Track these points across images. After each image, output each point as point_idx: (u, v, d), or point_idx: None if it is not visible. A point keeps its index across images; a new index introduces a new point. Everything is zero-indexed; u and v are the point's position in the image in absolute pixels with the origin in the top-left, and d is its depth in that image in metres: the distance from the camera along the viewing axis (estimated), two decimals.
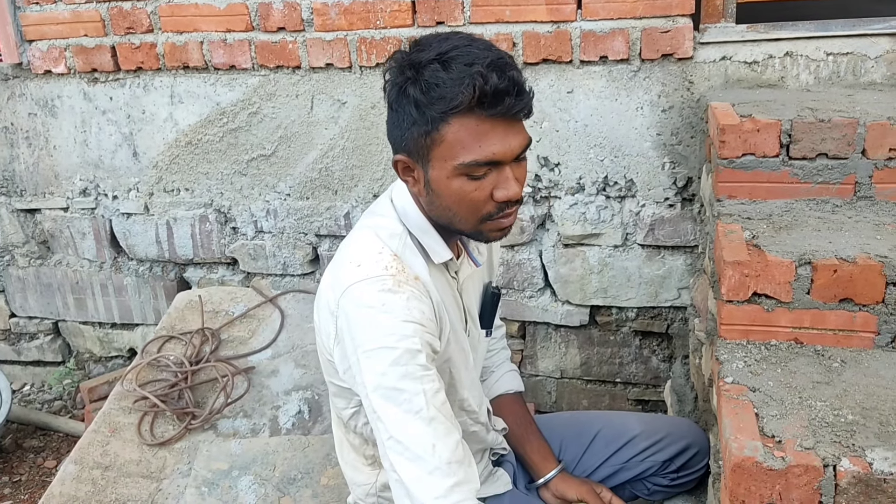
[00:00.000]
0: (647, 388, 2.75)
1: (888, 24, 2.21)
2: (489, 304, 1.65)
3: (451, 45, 1.26)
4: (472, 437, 1.61)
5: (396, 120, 1.32)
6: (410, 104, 1.27)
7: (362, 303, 1.31)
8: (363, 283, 1.32)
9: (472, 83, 1.21)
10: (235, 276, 2.98)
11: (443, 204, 1.34)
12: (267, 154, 2.73)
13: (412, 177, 1.36)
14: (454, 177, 1.29)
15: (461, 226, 1.36)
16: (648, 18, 2.27)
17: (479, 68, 1.21)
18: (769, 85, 2.29)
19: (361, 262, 1.35)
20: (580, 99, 2.41)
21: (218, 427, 2.25)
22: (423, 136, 1.28)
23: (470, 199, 1.30)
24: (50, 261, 3.17)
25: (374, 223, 1.45)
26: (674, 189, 2.43)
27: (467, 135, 1.25)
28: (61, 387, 3.34)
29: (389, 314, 1.29)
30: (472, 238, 1.44)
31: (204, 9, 2.58)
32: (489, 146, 1.26)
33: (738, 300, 1.62)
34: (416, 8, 2.41)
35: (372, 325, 1.30)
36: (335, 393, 1.53)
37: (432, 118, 1.25)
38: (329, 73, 2.57)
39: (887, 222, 1.74)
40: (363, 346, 1.30)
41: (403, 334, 1.28)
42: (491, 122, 1.25)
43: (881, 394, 1.44)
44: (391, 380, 1.26)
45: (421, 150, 1.30)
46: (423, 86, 1.25)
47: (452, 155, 1.27)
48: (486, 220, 1.34)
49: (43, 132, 2.94)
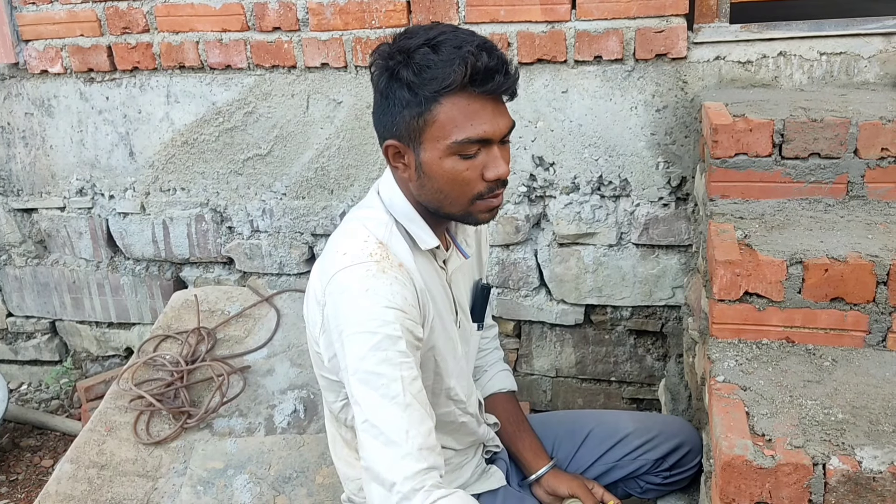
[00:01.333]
0: (642, 387, 2.76)
1: (881, 24, 2.22)
2: (480, 299, 1.67)
3: (438, 31, 1.31)
4: (462, 429, 1.63)
5: (386, 106, 1.36)
6: (402, 87, 1.31)
7: (346, 288, 1.34)
8: (348, 269, 1.35)
9: (463, 62, 1.27)
10: (232, 276, 2.98)
11: (434, 186, 1.37)
12: (263, 153, 2.74)
13: (402, 162, 1.39)
14: (446, 156, 1.33)
15: (452, 208, 1.39)
16: (642, 18, 2.28)
17: (470, 48, 1.28)
18: (763, 85, 2.29)
19: (347, 250, 1.39)
20: (575, 99, 2.42)
21: (213, 426, 2.26)
22: (415, 118, 1.32)
23: (462, 179, 1.34)
24: (47, 260, 3.17)
25: (360, 215, 1.48)
26: (668, 188, 2.44)
27: (459, 113, 1.30)
28: (58, 386, 3.35)
29: (372, 299, 1.31)
30: (461, 221, 1.46)
31: (200, 9, 2.59)
32: (480, 124, 1.31)
33: (729, 299, 1.63)
34: (411, 8, 2.42)
35: (355, 310, 1.32)
36: (325, 386, 1.54)
37: (425, 98, 1.30)
38: (325, 73, 2.58)
39: (879, 221, 1.75)
40: (346, 329, 1.32)
41: (385, 320, 1.30)
42: (481, 101, 1.31)
43: (871, 392, 1.45)
44: (370, 364, 1.29)
45: (413, 132, 1.33)
46: (414, 68, 1.29)
47: (445, 134, 1.31)
48: (476, 200, 1.37)
49: (39, 132, 2.94)
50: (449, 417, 1.58)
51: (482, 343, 1.85)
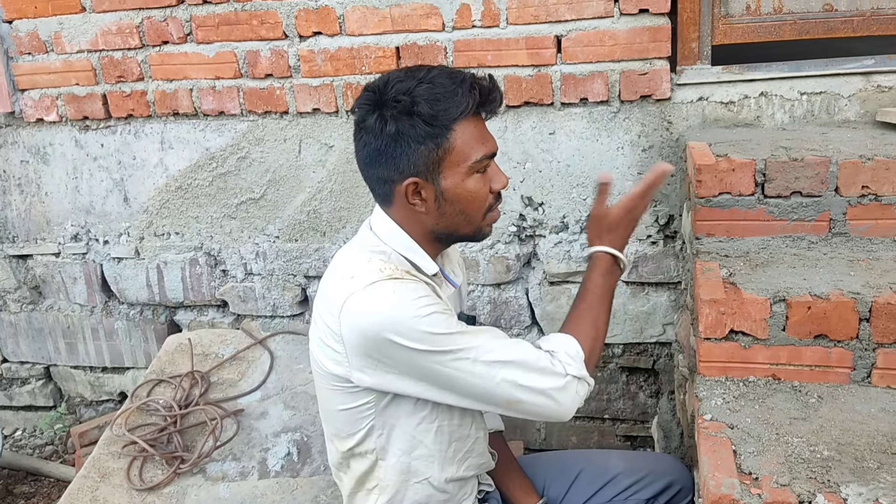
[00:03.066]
0: (636, 424, 2.76)
1: (860, 64, 2.27)
2: None
3: (422, 71, 1.41)
4: (477, 447, 1.63)
5: (397, 148, 1.41)
6: (420, 122, 1.38)
7: (370, 304, 1.37)
8: (364, 290, 1.39)
9: (470, 89, 1.38)
10: (225, 318, 3.00)
11: (457, 209, 1.45)
12: (256, 197, 2.77)
13: (420, 198, 1.44)
14: (468, 177, 1.43)
15: (467, 227, 1.49)
16: (626, 61, 2.33)
17: (465, 76, 1.39)
18: (745, 124, 2.34)
19: (354, 273, 1.43)
20: (562, 140, 2.46)
21: (207, 471, 2.26)
22: (434, 150, 1.40)
23: (482, 194, 1.46)
24: (41, 306, 3.18)
25: (355, 248, 1.54)
26: (656, 227, 2.47)
27: (471, 136, 1.42)
28: (52, 431, 3.34)
29: (404, 296, 1.37)
30: (471, 239, 1.54)
31: (193, 57, 2.64)
32: (487, 141, 1.45)
33: (715, 337, 1.65)
34: (400, 54, 2.47)
35: (393, 312, 1.36)
36: (344, 421, 1.53)
37: (442, 128, 1.39)
38: (316, 118, 2.62)
39: (861, 258, 1.78)
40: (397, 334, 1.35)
41: (427, 304, 1.38)
42: (480, 121, 1.45)
43: (856, 429, 1.46)
44: (454, 340, 1.39)
45: (431, 164, 1.41)
46: (427, 104, 1.37)
47: (465, 157, 1.42)
48: (487, 213, 1.49)
49: (35, 179, 2.98)
50: (466, 431, 1.58)
51: None
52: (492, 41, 2.38)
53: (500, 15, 2.35)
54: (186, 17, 2.59)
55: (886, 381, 1.59)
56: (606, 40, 2.31)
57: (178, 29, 2.61)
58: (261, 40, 2.56)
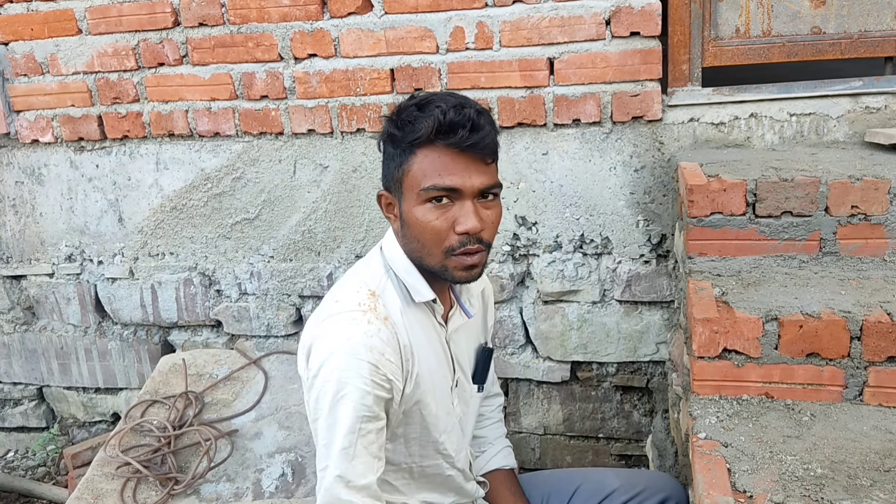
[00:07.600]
0: (630, 443, 2.76)
1: (848, 85, 2.30)
2: (482, 361, 1.73)
3: (434, 94, 1.45)
4: (449, 482, 1.66)
5: (384, 161, 1.49)
6: (389, 142, 1.45)
7: (329, 332, 1.43)
8: (336, 316, 1.45)
9: (432, 117, 1.37)
10: (220, 339, 2.99)
11: (412, 234, 1.45)
12: (251, 217, 2.78)
13: (393, 213, 1.50)
14: (419, 204, 1.42)
15: (429, 260, 1.46)
16: (618, 83, 2.36)
17: (444, 106, 1.38)
18: (736, 145, 2.37)
19: (340, 298, 1.49)
20: (555, 160, 2.48)
21: (201, 492, 2.25)
22: (397, 169, 1.45)
23: (432, 228, 1.41)
24: (35, 326, 3.18)
25: (358, 268, 1.59)
26: (648, 246, 2.49)
27: (429, 164, 1.40)
28: (45, 453, 3.32)
29: (350, 350, 1.39)
30: (441, 277, 1.49)
31: (189, 79, 2.66)
32: (448, 175, 1.39)
33: (709, 356, 1.66)
34: (394, 76, 2.49)
35: (331, 356, 1.40)
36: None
37: (402, 150, 1.43)
38: (311, 139, 2.64)
39: (852, 277, 1.80)
40: (318, 373, 1.41)
41: (358, 372, 1.38)
42: (452, 154, 1.39)
43: (849, 447, 1.47)
44: (334, 412, 1.39)
45: (396, 183, 1.45)
46: (398, 124, 1.43)
47: (417, 182, 1.41)
48: (449, 255, 1.43)
49: (29, 200, 2.98)
50: (436, 470, 1.61)
51: (486, 411, 1.90)
52: (485, 63, 2.41)
53: (493, 37, 2.38)
54: (182, 40, 2.61)
55: (878, 399, 1.61)
56: (598, 62, 2.34)
57: (173, 51, 2.63)
58: (256, 62, 2.58)
